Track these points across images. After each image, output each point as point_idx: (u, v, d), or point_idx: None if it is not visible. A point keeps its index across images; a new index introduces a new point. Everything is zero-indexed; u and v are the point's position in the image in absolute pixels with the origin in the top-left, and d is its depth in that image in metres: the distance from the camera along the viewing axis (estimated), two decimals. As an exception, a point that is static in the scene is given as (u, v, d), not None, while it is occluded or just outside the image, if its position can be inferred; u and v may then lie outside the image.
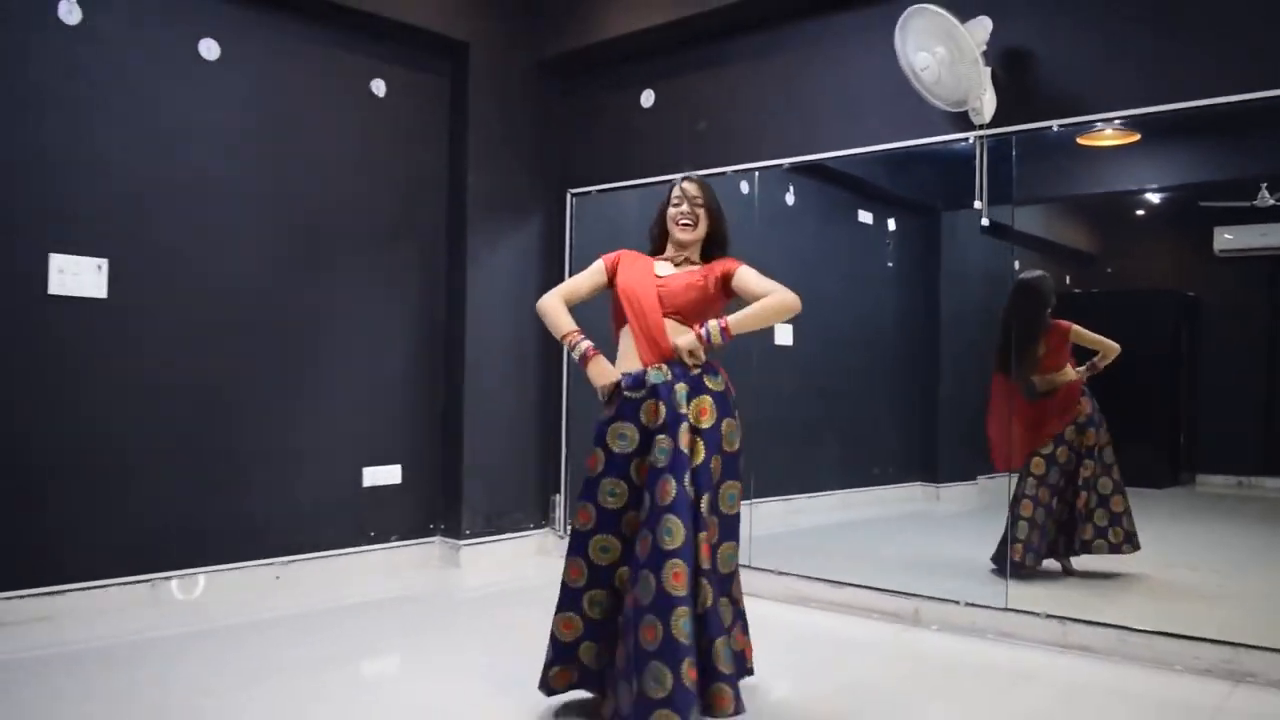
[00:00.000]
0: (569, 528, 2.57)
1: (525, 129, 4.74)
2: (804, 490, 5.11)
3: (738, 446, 2.51)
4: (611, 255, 2.69)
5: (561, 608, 2.51)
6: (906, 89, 3.53)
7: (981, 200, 3.55)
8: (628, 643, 2.30)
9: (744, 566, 3.82)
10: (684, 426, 2.39)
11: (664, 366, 2.47)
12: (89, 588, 3.49)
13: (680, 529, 2.28)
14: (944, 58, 3.31)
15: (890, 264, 5.54)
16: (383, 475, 4.33)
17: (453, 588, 4.19)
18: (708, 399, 2.45)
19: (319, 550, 4.11)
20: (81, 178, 3.48)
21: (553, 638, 2.51)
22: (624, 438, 2.45)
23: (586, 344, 2.54)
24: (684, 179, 2.66)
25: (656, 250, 2.72)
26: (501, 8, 4.60)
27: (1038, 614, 3.36)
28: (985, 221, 3.58)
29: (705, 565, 2.33)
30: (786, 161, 4.10)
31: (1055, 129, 3.40)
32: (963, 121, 3.51)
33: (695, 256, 2.64)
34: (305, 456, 4.08)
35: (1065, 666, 3.12)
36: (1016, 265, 4.09)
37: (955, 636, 3.43)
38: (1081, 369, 4.07)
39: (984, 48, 3.32)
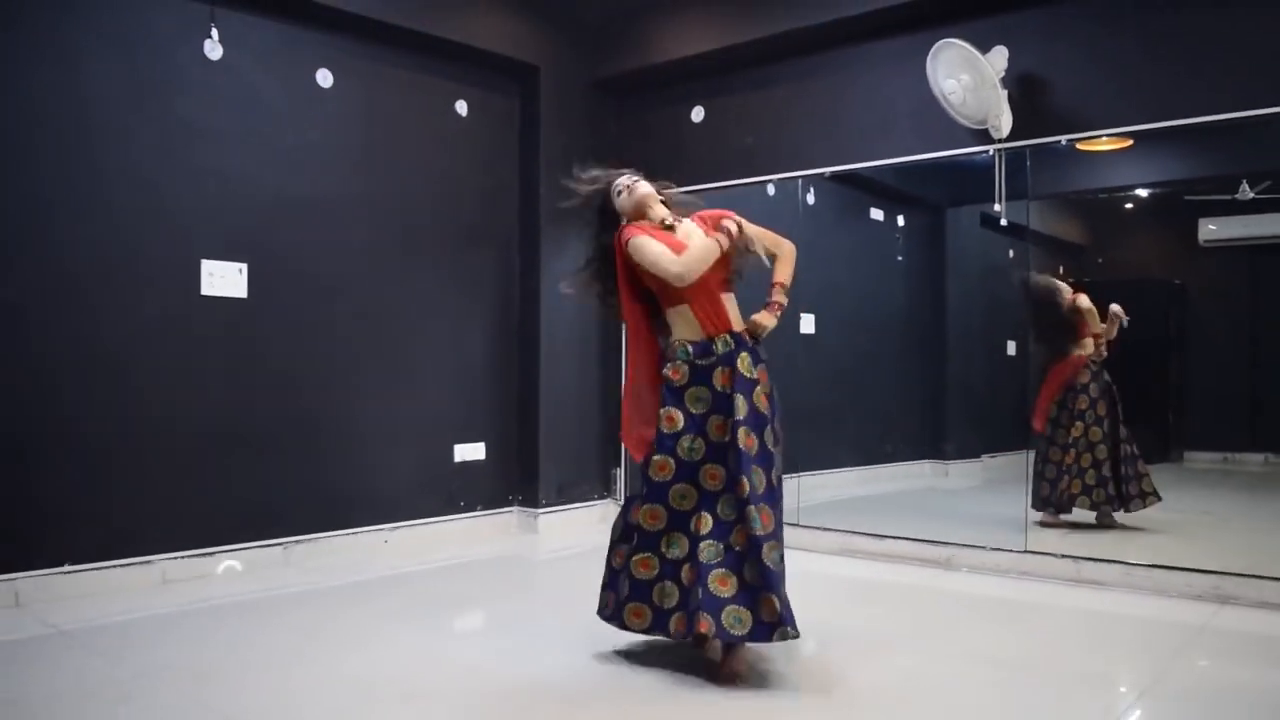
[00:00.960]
0: (647, 480, 2.70)
1: (587, 142, 5.24)
2: (826, 466, 5.45)
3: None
4: (619, 239, 2.76)
5: (640, 549, 2.68)
6: (933, 107, 4.08)
7: (1000, 203, 4.12)
8: (753, 564, 2.54)
9: (795, 525, 4.35)
10: (758, 389, 2.73)
11: (727, 337, 2.73)
12: (237, 549, 4.02)
13: (761, 477, 2.65)
14: (969, 83, 3.87)
15: (899, 258, 6.02)
16: (470, 452, 4.88)
17: (534, 551, 4.73)
18: (762, 366, 2.80)
19: (418, 518, 4.65)
20: (224, 193, 4.00)
21: (630, 575, 2.69)
22: (701, 400, 2.71)
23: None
24: (611, 190, 2.87)
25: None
26: (567, 34, 5.14)
27: (1054, 555, 3.92)
28: (1004, 222, 4.15)
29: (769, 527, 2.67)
30: (827, 170, 4.64)
31: (1064, 143, 3.96)
32: (983, 136, 4.06)
33: (662, 210, 2.86)
34: (407, 435, 4.62)
35: (1078, 597, 3.67)
36: (1011, 254, 4.59)
37: (982, 576, 3.98)
38: (1090, 351, 4.58)
39: (1002, 74, 3.88)
